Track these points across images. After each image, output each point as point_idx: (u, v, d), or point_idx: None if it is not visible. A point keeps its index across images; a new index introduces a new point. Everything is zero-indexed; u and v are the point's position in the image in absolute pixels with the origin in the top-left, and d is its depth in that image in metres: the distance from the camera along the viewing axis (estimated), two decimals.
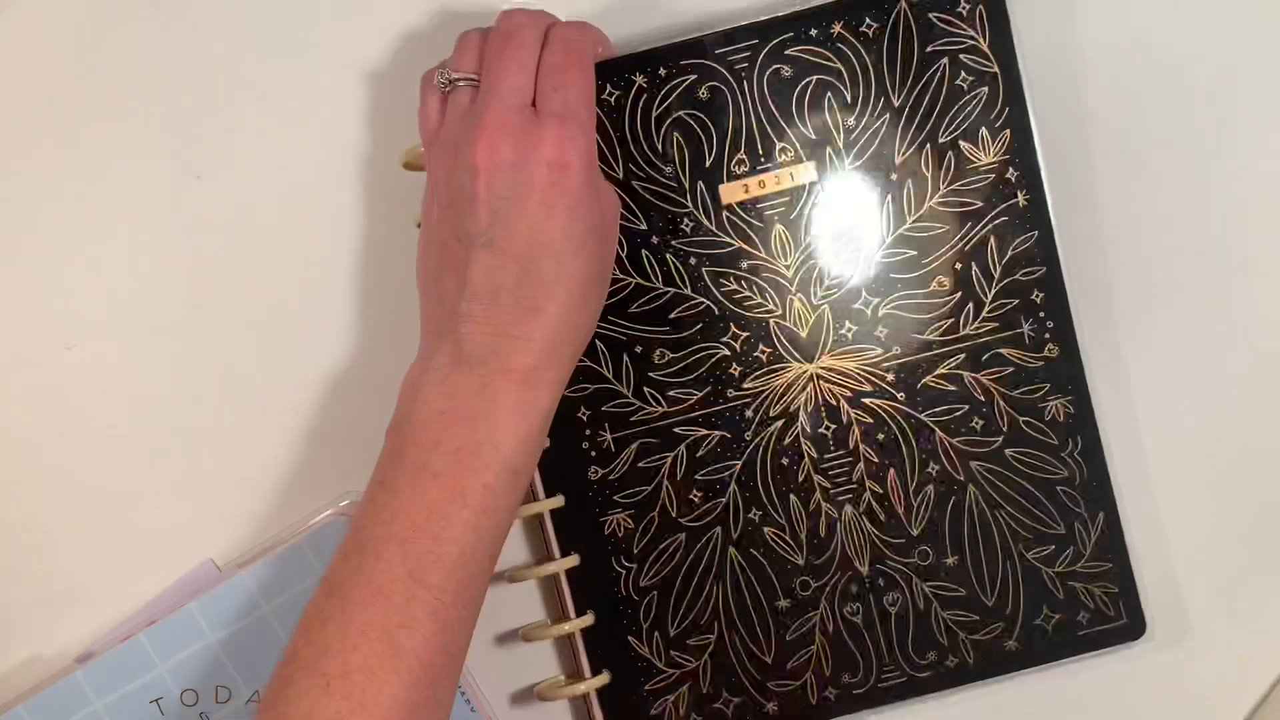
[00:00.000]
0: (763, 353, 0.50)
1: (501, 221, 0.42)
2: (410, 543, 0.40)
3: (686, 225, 0.50)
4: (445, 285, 0.44)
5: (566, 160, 0.42)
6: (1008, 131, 0.50)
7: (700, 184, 0.50)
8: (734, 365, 0.50)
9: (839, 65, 0.50)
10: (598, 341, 0.50)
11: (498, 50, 0.44)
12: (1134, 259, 0.53)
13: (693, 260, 0.50)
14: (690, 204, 0.50)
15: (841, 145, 0.50)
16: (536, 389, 0.42)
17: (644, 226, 0.50)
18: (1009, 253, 0.51)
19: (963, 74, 0.50)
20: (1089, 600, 0.52)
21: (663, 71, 0.50)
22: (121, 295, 0.52)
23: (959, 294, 0.51)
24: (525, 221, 0.42)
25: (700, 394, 0.50)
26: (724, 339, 0.50)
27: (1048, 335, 0.51)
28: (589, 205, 0.43)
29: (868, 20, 0.50)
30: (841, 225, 0.50)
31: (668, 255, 0.50)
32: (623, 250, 0.50)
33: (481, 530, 0.41)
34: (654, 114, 0.50)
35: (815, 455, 0.51)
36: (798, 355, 0.51)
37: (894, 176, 0.50)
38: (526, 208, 0.42)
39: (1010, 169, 0.50)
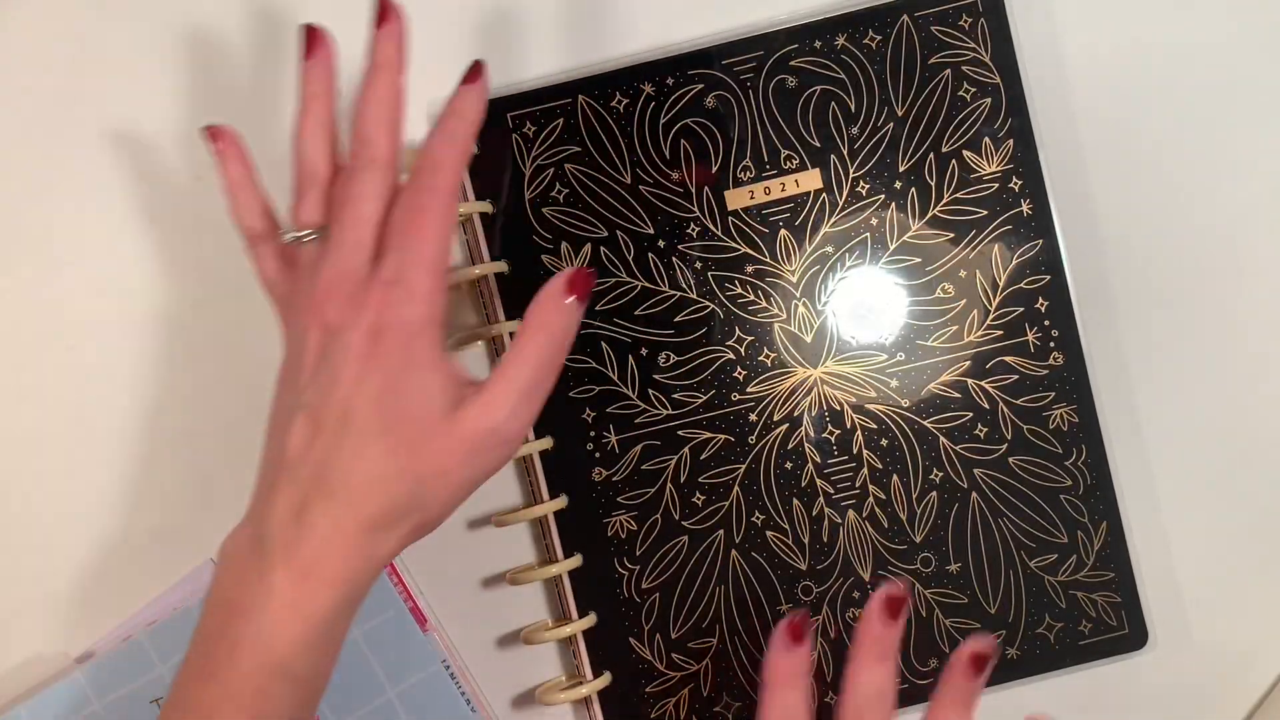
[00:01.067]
0: (767, 357, 0.52)
1: (318, 388, 0.39)
2: None
3: (693, 230, 0.52)
4: (267, 449, 0.42)
5: (383, 328, 0.39)
6: (1011, 141, 0.52)
7: (707, 190, 0.52)
8: (738, 369, 0.52)
9: (843, 76, 0.52)
10: (603, 344, 0.51)
11: (340, 202, 0.42)
12: (1138, 266, 0.55)
13: (698, 265, 0.52)
14: (696, 209, 0.52)
15: (846, 153, 0.52)
16: (317, 586, 0.38)
17: (651, 231, 0.52)
18: (1013, 260, 0.53)
19: (965, 85, 0.52)
20: (1091, 609, 0.53)
21: (670, 80, 0.52)
22: (122, 295, 0.53)
23: (963, 301, 0.52)
24: (339, 392, 0.39)
25: (704, 397, 0.52)
26: (728, 343, 0.52)
27: (1052, 343, 0.53)
28: (409, 382, 0.39)
29: (871, 32, 0.52)
30: (846, 233, 0.52)
31: (674, 259, 0.52)
32: (629, 254, 0.51)
33: None
34: (661, 121, 0.52)
35: (819, 460, 0.52)
36: (802, 360, 0.52)
37: (898, 184, 0.52)
38: (340, 377, 0.39)
39: (1014, 178, 0.52)
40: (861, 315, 0.52)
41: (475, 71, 0.43)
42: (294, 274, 0.43)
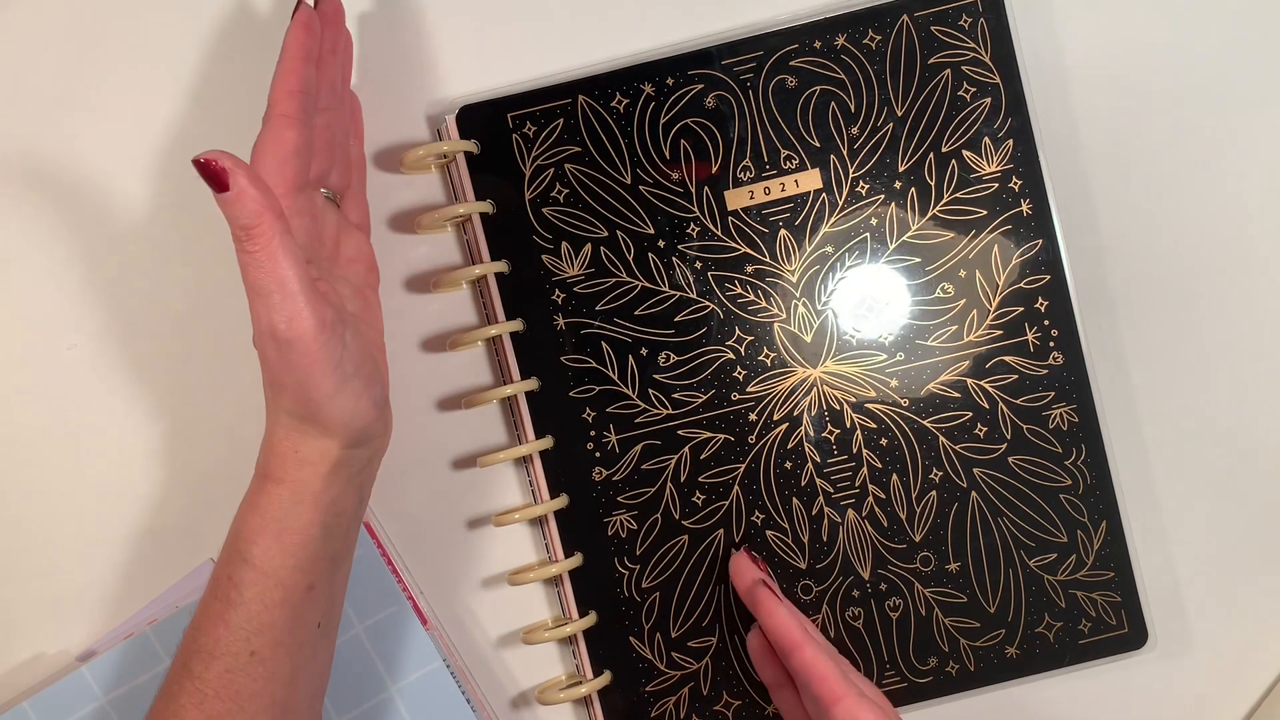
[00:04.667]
0: (767, 357, 0.54)
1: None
2: (188, 633, 0.46)
3: (693, 230, 0.54)
4: None
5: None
6: (1010, 141, 0.54)
7: (707, 190, 0.54)
8: (738, 369, 0.54)
9: (843, 76, 0.54)
10: (604, 344, 0.54)
11: None
12: (1138, 266, 0.57)
13: (698, 265, 0.54)
14: (696, 209, 0.54)
15: (846, 153, 0.54)
16: (271, 485, 0.45)
17: (651, 231, 0.54)
18: (1013, 260, 0.55)
19: (965, 85, 0.54)
20: (1090, 609, 0.55)
21: (670, 81, 0.54)
22: (122, 295, 0.55)
23: (963, 301, 0.55)
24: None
25: (704, 397, 0.54)
26: (728, 343, 0.54)
27: (1052, 343, 0.55)
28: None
29: (870, 32, 0.54)
30: (846, 233, 0.54)
31: (674, 259, 0.54)
32: (630, 254, 0.54)
33: (231, 623, 0.44)
34: (662, 121, 0.54)
35: (818, 459, 0.54)
36: (801, 360, 0.54)
37: (898, 184, 0.54)
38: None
39: (1013, 178, 0.55)
40: (861, 315, 0.55)
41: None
42: None
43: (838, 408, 0.55)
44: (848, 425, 0.55)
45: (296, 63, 0.47)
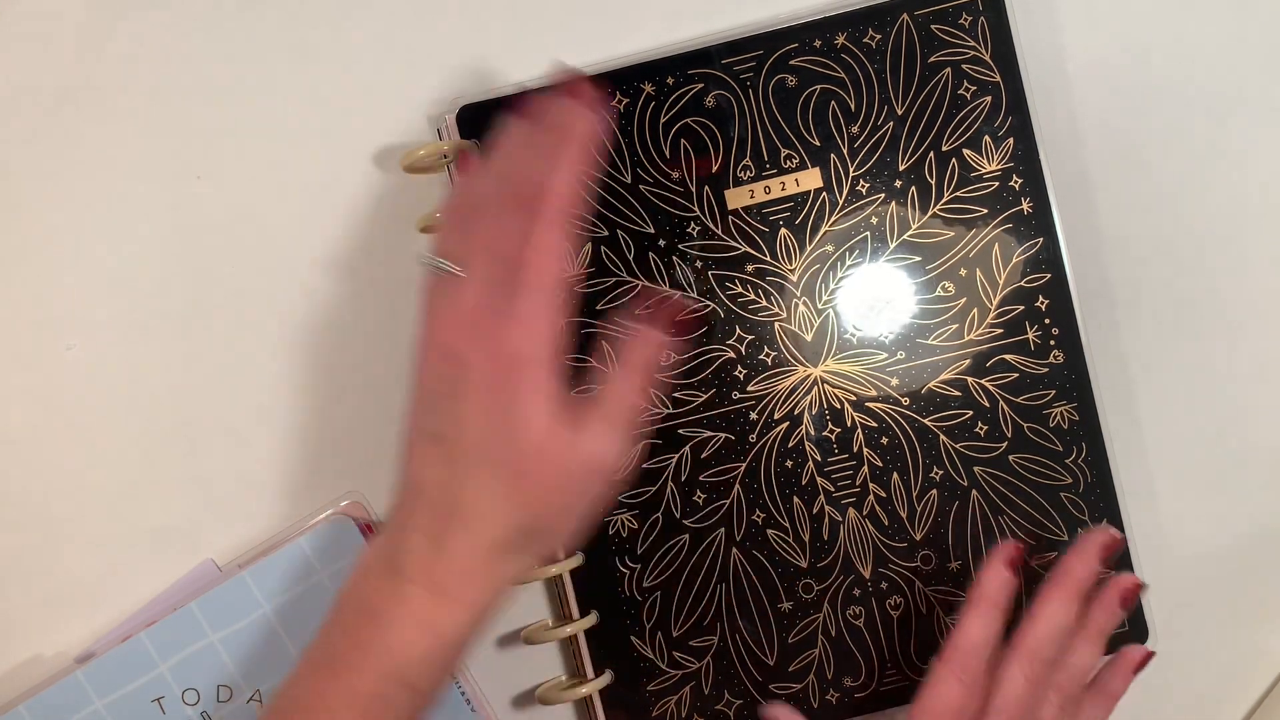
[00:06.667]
0: (767, 356, 0.54)
1: (452, 418, 0.42)
2: None
3: (693, 229, 0.53)
4: (404, 472, 0.44)
5: (502, 361, 0.41)
6: (1011, 139, 0.54)
7: (707, 189, 0.54)
8: (739, 368, 0.54)
9: (843, 75, 0.54)
10: (604, 343, 0.53)
11: (476, 236, 0.44)
12: (1139, 265, 0.57)
13: (699, 264, 0.54)
14: (697, 208, 0.54)
15: (846, 152, 0.54)
16: (451, 605, 0.41)
17: (651, 230, 0.53)
18: (1013, 259, 0.54)
19: (965, 83, 0.54)
20: None
21: (670, 80, 0.54)
22: (122, 295, 0.55)
23: (964, 300, 0.54)
24: (466, 423, 0.42)
25: (705, 396, 0.54)
26: (729, 342, 0.54)
27: (1053, 341, 0.55)
28: (522, 416, 0.41)
29: (871, 31, 0.54)
30: (846, 231, 0.54)
31: (674, 259, 0.53)
32: (630, 253, 0.53)
33: None
34: (662, 121, 0.54)
35: (819, 458, 0.54)
36: (802, 359, 0.54)
37: (898, 183, 0.54)
38: (468, 408, 0.41)
39: (1014, 176, 0.54)
40: (862, 314, 0.54)
41: (573, 84, 0.45)
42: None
43: (838, 406, 0.54)
44: (848, 424, 0.54)
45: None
